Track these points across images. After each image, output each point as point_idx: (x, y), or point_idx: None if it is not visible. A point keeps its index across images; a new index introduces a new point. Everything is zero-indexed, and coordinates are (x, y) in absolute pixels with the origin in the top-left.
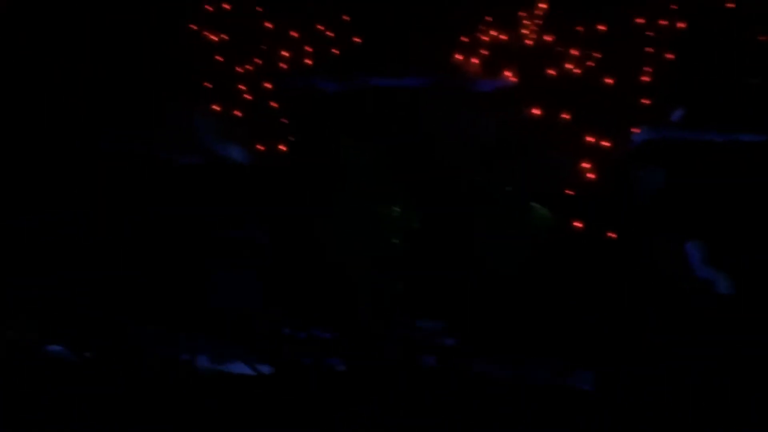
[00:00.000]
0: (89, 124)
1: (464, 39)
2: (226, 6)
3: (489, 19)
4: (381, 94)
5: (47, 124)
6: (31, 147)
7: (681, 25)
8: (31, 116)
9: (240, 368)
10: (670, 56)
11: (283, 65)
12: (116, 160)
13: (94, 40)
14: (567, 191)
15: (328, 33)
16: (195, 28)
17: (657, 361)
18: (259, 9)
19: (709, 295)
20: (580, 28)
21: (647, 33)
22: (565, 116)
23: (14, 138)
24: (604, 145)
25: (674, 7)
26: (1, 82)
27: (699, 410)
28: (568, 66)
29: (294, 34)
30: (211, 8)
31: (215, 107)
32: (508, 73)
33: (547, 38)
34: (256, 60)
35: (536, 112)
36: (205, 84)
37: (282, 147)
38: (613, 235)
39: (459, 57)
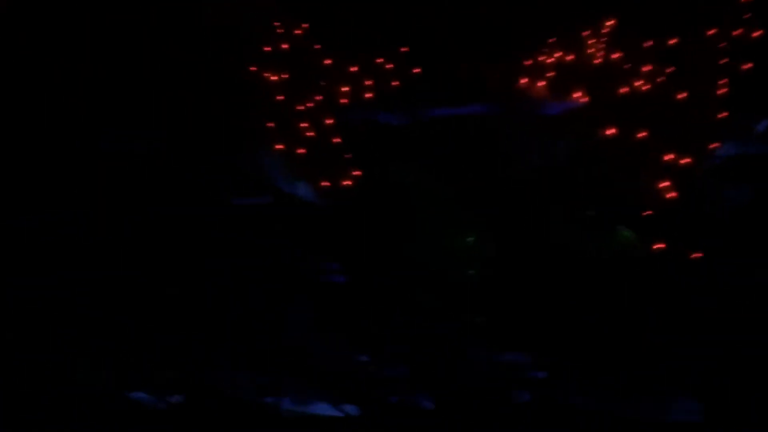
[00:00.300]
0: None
1: (528, 62)
2: (285, 46)
3: (552, 40)
4: (446, 123)
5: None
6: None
7: (756, 33)
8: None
9: (325, 410)
10: (746, 66)
11: (343, 100)
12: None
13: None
14: (647, 212)
15: (387, 66)
16: (254, 69)
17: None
18: (317, 47)
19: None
20: (649, 43)
21: (720, 44)
22: (641, 135)
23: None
24: (684, 163)
25: (747, 15)
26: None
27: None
28: (639, 83)
29: (353, 68)
30: (269, 48)
31: (279, 146)
32: (577, 94)
33: (615, 56)
34: (317, 97)
35: (610, 132)
36: (268, 124)
37: (347, 182)
38: (699, 256)
39: (525, 81)
